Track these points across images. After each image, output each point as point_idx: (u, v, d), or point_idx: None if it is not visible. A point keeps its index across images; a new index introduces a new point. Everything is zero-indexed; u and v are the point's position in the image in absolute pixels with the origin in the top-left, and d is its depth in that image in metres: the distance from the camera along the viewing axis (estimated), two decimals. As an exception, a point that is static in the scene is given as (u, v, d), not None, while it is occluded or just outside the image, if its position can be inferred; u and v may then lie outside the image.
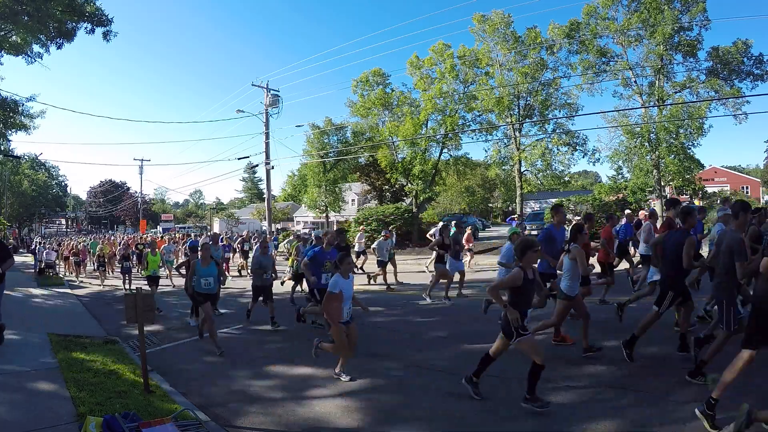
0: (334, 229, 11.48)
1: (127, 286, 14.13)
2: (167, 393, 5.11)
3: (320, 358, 5.67)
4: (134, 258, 17.07)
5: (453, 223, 12.04)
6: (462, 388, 4.61)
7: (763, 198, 44.92)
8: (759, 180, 52.24)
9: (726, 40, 33.23)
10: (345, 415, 4.46)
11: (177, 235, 31.76)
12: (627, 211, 14.93)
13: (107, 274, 17.27)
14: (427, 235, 16.31)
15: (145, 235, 33.29)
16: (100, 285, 15.86)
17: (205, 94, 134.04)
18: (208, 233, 29.21)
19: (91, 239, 27.60)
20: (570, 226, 6.23)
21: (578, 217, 19.96)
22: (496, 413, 4.27)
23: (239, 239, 20.13)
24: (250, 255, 18.07)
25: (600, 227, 11.26)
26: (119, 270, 15.84)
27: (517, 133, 25.23)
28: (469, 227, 16.90)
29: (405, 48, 65.28)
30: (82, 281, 17.31)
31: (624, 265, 10.03)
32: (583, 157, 26.39)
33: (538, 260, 5.71)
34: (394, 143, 28.01)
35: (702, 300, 6.77)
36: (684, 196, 24.13)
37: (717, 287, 4.47)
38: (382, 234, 13.37)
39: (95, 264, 18.76)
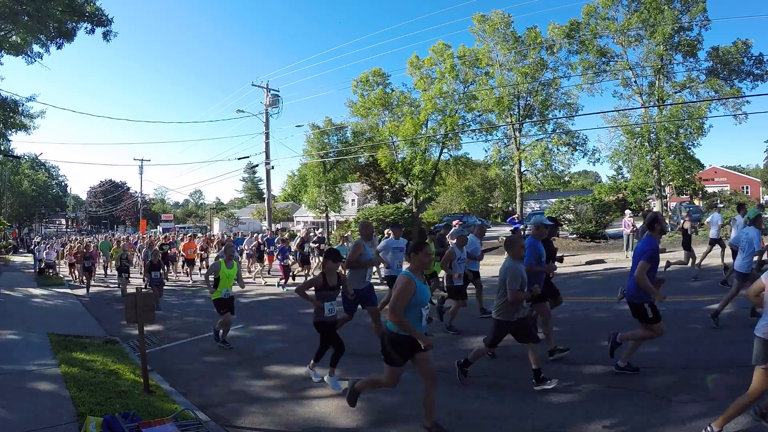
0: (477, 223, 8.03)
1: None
2: (167, 393, 5.11)
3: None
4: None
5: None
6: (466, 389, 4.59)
7: (763, 198, 44.90)
8: (759, 180, 52.25)
9: (726, 40, 33.31)
10: (345, 415, 4.45)
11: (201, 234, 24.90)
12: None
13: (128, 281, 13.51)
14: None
15: (154, 233, 31.20)
16: (121, 294, 12.71)
17: (205, 94, 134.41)
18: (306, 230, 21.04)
19: (101, 239, 25.52)
20: None
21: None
22: (495, 413, 4.27)
23: (299, 239, 15.13)
24: (312, 260, 14.42)
25: None
26: (147, 282, 11.96)
27: (517, 133, 25.25)
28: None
29: (405, 48, 65.37)
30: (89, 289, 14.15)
31: None
32: (583, 157, 26.50)
33: None
34: (394, 143, 28.01)
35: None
36: (684, 196, 24.17)
37: None
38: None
39: (111, 269, 16.53)
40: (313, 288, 5.23)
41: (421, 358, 3.76)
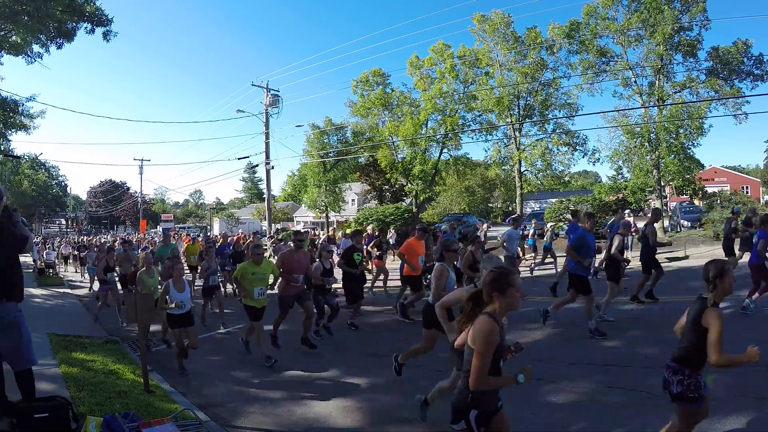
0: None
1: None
2: (167, 393, 5.11)
3: (323, 359, 5.62)
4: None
5: None
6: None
7: (763, 198, 44.91)
8: (759, 180, 52.23)
9: (726, 40, 33.23)
10: (345, 415, 4.45)
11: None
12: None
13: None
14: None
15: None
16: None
17: (205, 94, 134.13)
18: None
19: (157, 241, 17.60)
20: None
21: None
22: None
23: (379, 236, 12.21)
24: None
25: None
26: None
27: (517, 133, 25.24)
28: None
29: (405, 48, 65.20)
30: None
31: None
32: (583, 157, 26.41)
33: None
34: (394, 143, 28.00)
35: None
36: (684, 196, 24.14)
37: None
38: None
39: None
40: None
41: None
